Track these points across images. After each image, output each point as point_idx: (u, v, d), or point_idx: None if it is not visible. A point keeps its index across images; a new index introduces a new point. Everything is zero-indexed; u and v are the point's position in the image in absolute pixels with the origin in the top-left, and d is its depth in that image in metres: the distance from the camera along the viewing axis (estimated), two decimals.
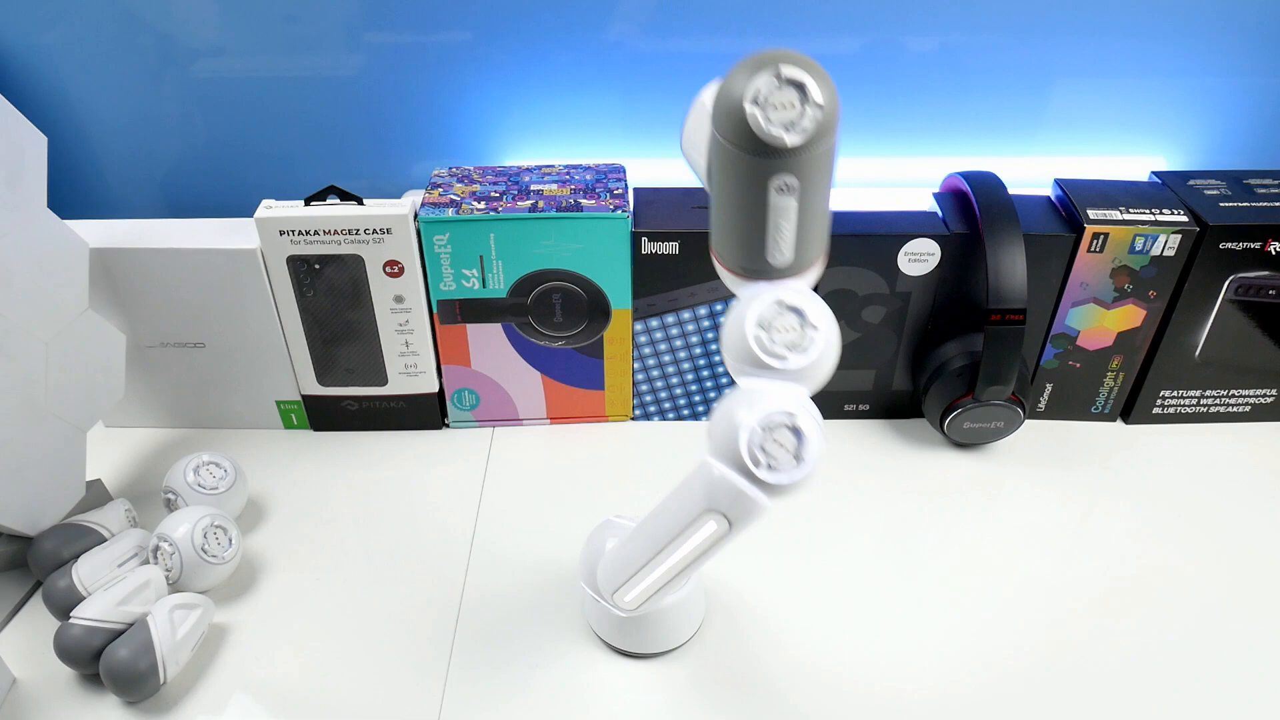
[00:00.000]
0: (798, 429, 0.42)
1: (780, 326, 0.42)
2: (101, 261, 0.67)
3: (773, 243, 0.41)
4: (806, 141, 0.38)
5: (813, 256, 0.43)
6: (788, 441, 0.42)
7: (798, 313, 0.42)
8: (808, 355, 0.42)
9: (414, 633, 0.59)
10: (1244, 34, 0.75)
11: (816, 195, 0.40)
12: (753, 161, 0.38)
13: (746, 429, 0.42)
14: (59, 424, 0.62)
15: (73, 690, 0.55)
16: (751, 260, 0.42)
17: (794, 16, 0.74)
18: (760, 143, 0.37)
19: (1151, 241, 0.67)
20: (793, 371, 0.42)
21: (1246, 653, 0.57)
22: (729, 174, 0.40)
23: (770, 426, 0.42)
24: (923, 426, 0.76)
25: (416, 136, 0.81)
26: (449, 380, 0.74)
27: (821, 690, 0.55)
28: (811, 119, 0.37)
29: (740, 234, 0.42)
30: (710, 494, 0.44)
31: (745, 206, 0.40)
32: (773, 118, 0.37)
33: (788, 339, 0.42)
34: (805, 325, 0.42)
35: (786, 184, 0.39)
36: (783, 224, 0.40)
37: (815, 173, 0.39)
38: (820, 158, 0.39)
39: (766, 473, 0.42)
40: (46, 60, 0.76)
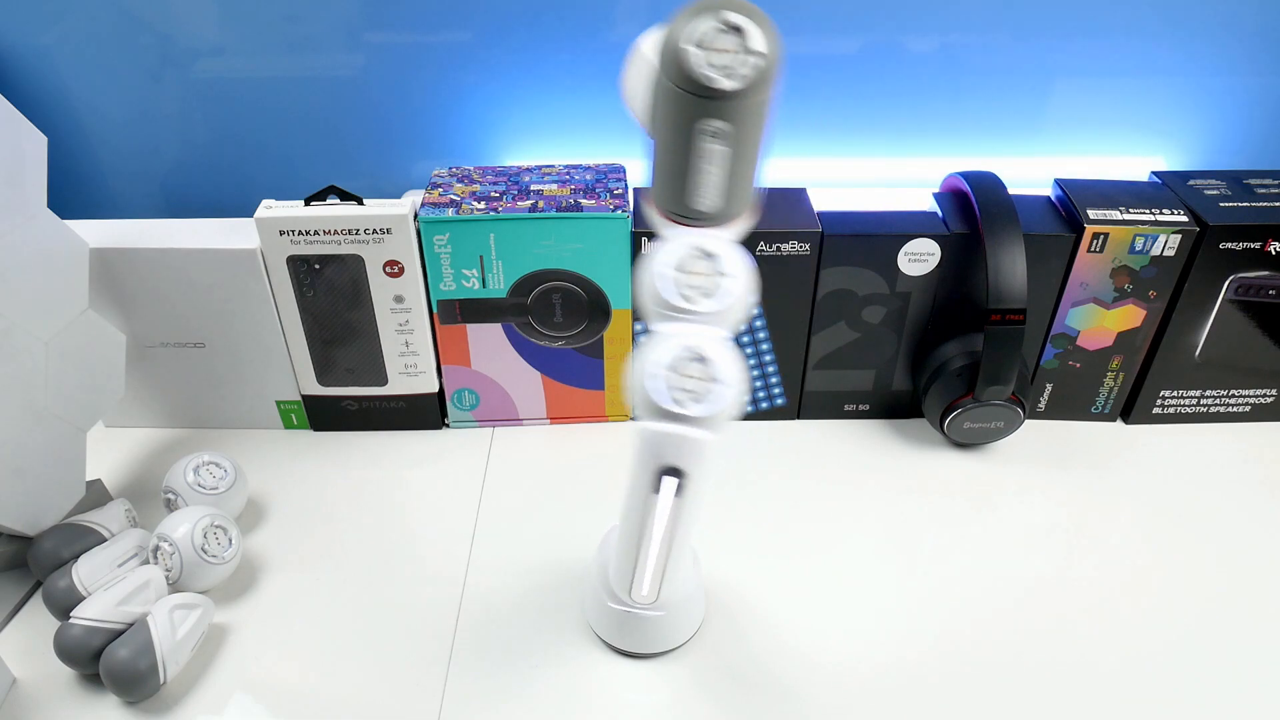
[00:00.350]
0: (702, 356, 0.42)
1: (694, 270, 0.43)
2: (101, 261, 0.67)
3: (698, 186, 0.42)
4: (742, 88, 0.38)
5: (739, 208, 0.44)
6: (699, 372, 0.42)
7: (712, 258, 0.43)
8: (717, 301, 0.43)
9: (414, 633, 0.59)
10: (1244, 34, 0.75)
11: (748, 145, 0.41)
12: (687, 100, 0.39)
13: (654, 375, 0.42)
14: (59, 424, 0.62)
15: (73, 690, 0.55)
16: (677, 203, 0.43)
17: (794, 16, 0.74)
18: (696, 83, 0.38)
19: (1151, 241, 0.67)
20: (702, 315, 0.43)
21: (1246, 652, 0.58)
22: (666, 113, 0.41)
23: (676, 364, 0.42)
24: (923, 426, 0.76)
25: (416, 136, 0.81)
26: (449, 380, 0.74)
27: (821, 690, 0.55)
28: (750, 65, 0.38)
29: (671, 175, 0.43)
30: (654, 454, 0.44)
31: (677, 147, 0.41)
32: (712, 60, 0.38)
33: (700, 283, 0.43)
34: (718, 272, 0.43)
35: (718, 128, 0.40)
36: (711, 168, 0.41)
37: (748, 121, 0.40)
38: (755, 107, 0.40)
39: (693, 407, 0.42)
40: (46, 60, 0.76)
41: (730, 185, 0.42)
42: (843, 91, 0.78)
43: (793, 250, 0.68)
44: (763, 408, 0.77)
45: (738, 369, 0.43)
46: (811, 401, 0.76)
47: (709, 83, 0.38)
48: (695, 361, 0.42)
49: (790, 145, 0.81)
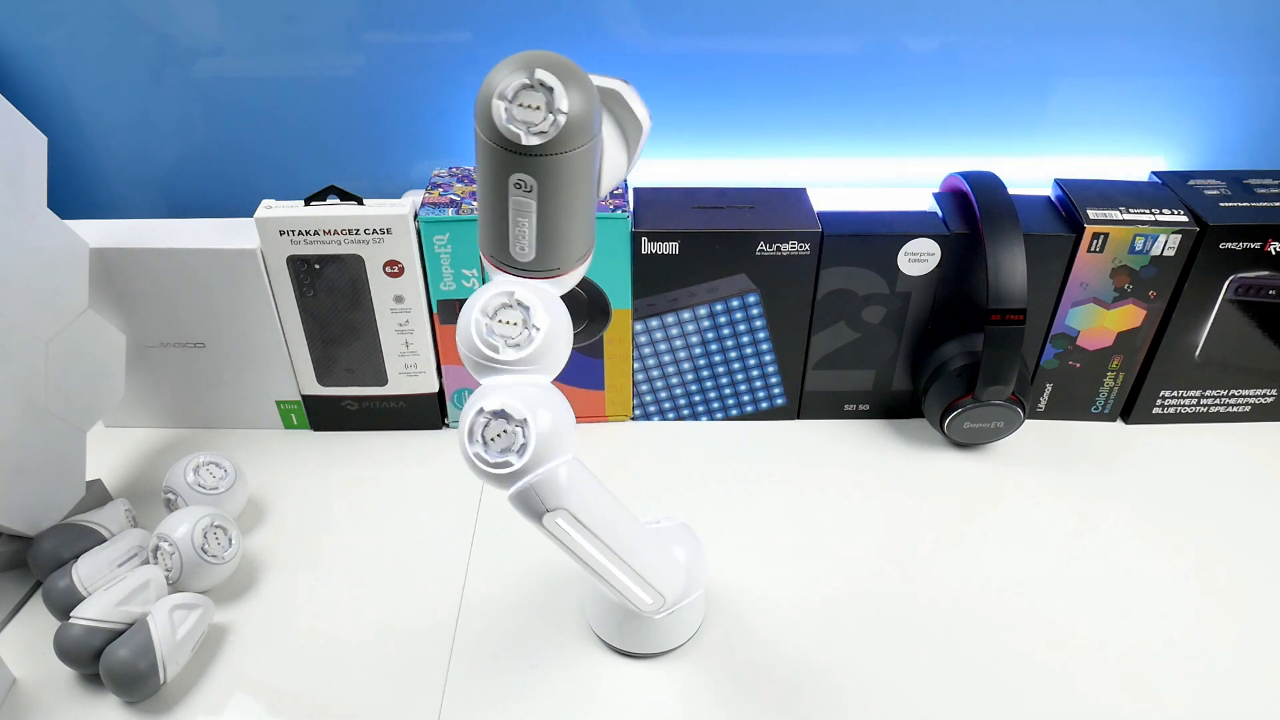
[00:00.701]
0: (496, 411, 0.43)
1: (504, 319, 0.43)
2: (101, 261, 0.67)
3: (514, 237, 0.43)
4: (544, 144, 0.39)
5: (560, 261, 0.44)
6: (500, 428, 0.43)
7: (524, 309, 0.43)
8: (522, 350, 0.43)
9: (414, 633, 0.59)
10: (1244, 34, 0.75)
11: (560, 201, 0.41)
12: (496, 153, 0.40)
13: (466, 451, 0.44)
14: (59, 424, 0.62)
15: (73, 690, 0.55)
16: (497, 250, 0.44)
17: (794, 16, 0.74)
18: (500, 135, 0.39)
19: (1151, 241, 0.67)
20: (511, 364, 0.43)
21: (1246, 652, 0.58)
22: (481, 162, 0.41)
23: (475, 435, 0.43)
24: (923, 426, 0.76)
25: (416, 136, 0.81)
26: (449, 380, 0.74)
27: (821, 690, 0.55)
28: (551, 124, 0.39)
29: (487, 222, 0.43)
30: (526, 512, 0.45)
31: (490, 196, 0.42)
32: (515, 114, 0.39)
33: (506, 332, 0.43)
34: (527, 323, 0.43)
35: (523, 181, 0.40)
36: (522, 220, 0.42)
37: (557, 178, 0.40)
38: (564, 163, 0.40)
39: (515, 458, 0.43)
40: (46, 60, 0.76)
41: (545, 238, 0.42)
42: (843, 91, 0.78)
43: (793, 250, 0.68)
44: (763, 408, 0.77)
45: (541, 407, 0.43)
46: (811, 401, 0.76)
47: (512, 138, 0.39)
48: (492, 421, 0.43)
49: (790, 145, 0.81)
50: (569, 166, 0.40)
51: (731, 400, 0.76)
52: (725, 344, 0.73)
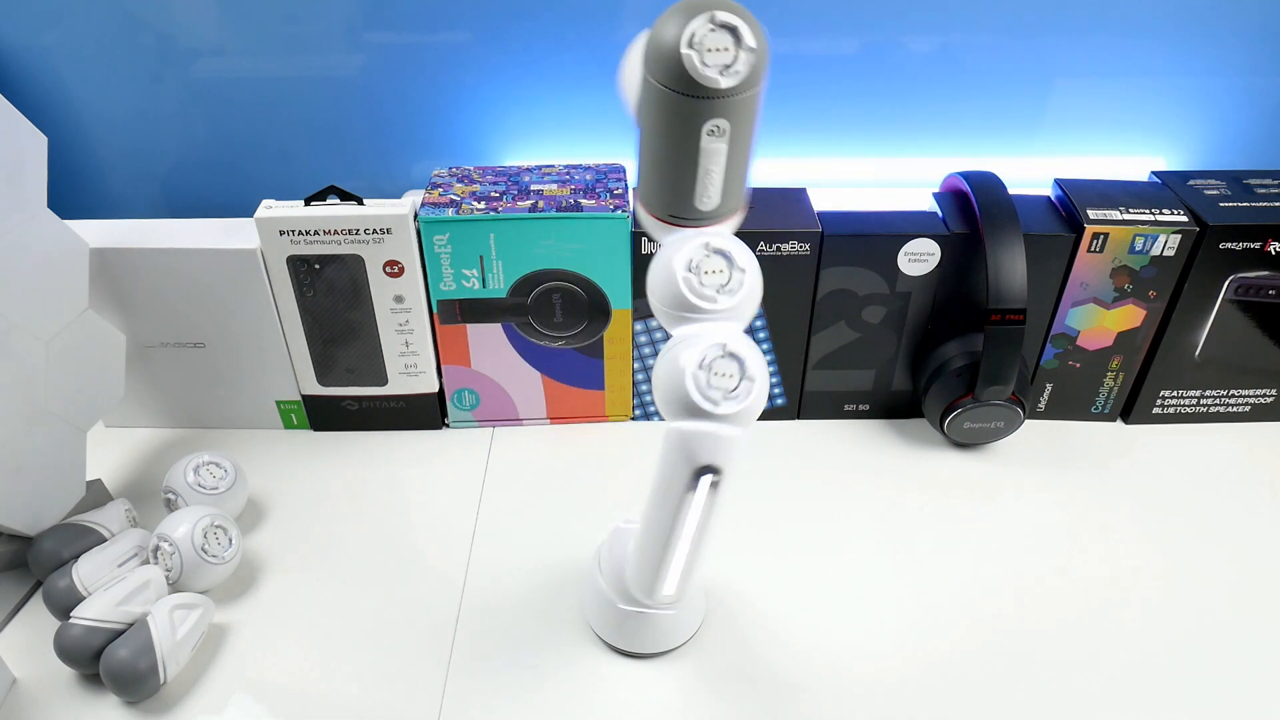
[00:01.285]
0: (734, 354, 0.43)
1: (709, 269, 0.44)
2: (101, 261, 0.67)
3: (702, 187, 0.42)
4: (739, 84, 0.39)
5: (736, 203, 0.44)
6: (730, 369, 0.43)
7: (725, 255, 0.44)
8: (736, 296, 0.44)
9: (414, 633, 0.59)
10: (1244, 34, 0.75)
11: (744, 140, 0.42)
12: (687, 103, 0.39)
13: (689, 374, 0.43)
14: (59, 424, 0.62)
15: (73, 690, 0.55)
16: (679, 206, 0.43)
17: (794, 16, 0.74)
18: (695, 84, 0.39)
19: (1151, 241, 0.67)
20: (721, 311, 0.44)
21: (1246, 652, 0.58)
22: (661, 117, 0.41)
23: (708, 363, 0.43)
24: (923, 426, 0.76)
25: (416, 136, 0.81)
26: (449, 380, 0.74)
27: (821, 690, 0.55)
28: (745, 62, 0.38)
29: (670, 179, 0.43)
30: (689, 455, 0.44)
31: (676, 150, 0.41)
32: (708, 60, 0.38)
33: (716, 281, 0.44)
34: (733, 268, 0.44)
35: (718, 126, 0.40)
36: (712, 168, 0.42)
37: (745, 117, 0.41)
38: (750, 101, 0.40)
39: (726, 405, 0.43)
40: (46, 60, 0.76)
41: (728, 181, 0.43)
42: (843, 91, 0.78)
43: (793, 250, 0.68)
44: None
45: (764, 364, 0.44)
46: (811, 401, 0.76)
47: (710, 83, 0.38)
48: (728, 359, 0.43)
49: (790, 145, 0.81)
50: (754, 103, 0.41)
51: None
52: None
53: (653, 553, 0.50)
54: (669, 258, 0.44)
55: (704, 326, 0.44)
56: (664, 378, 0.44)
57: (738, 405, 0.43)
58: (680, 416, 0.44)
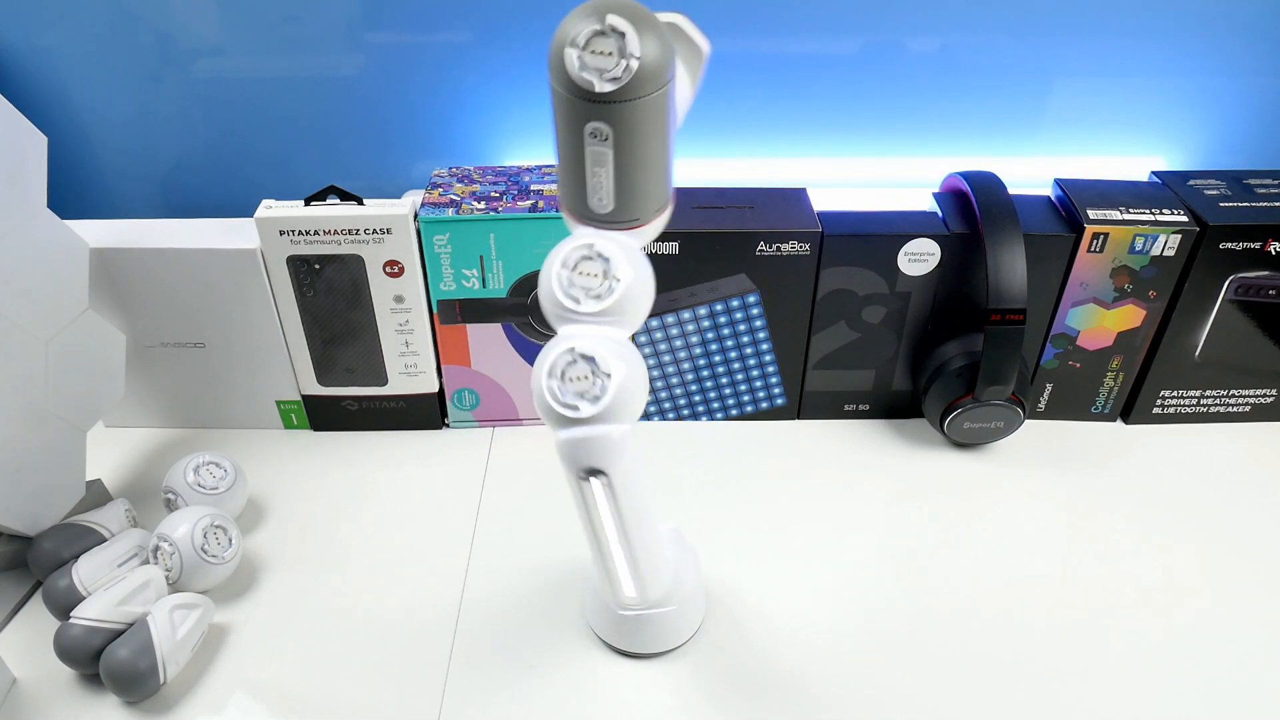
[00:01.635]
0: (585, 355, 0.43)
1: (585, 270, 0.43)
2: (101, 261, 0.67)
3: (592, 189, 0.42)
4: (618, 90, 0.38)
5: (639, 210, 0.44)
6: (584, 371, 0.43)
7: (604, 260, 0.43)
8: (603, 302, 0.43)
9: (414, 633, 0.59)
10: (1244, 34, 0.75)
11: (636, 148, 0.41)
12: (572, 103, 0.40)
13: (542, 382, 0.43)
14: (59, 424, 0.62)
15: (73, 690, 0.55)
16: (575, 203, 0.44)
17: (794, 16, 0.74)
18: (573, 84, 0.39)
19: (1151, 241, 0.67)
20: (592, 315, 0.43)
21: (1246, 652, 0.57)
22: (557, 114, 0.41)
23: (556, 370, 0.43)
24: (923, 426, 0.76)
25: (416, 136, 0.81)
26: (449, 380, 0.74)
27: (821, 690, 0.55)
28: (624, 69, 0.38)
29: (565, 176, 0.43)
30: (570, 460, 0.45)
31: (566, 149, 0.42)
32: (588, 62, 0.38)
33: (587, 284, 0.43)
34: (609, 275, 0.43)
35: (599, 130, 0.40)
36: (599, 170, 0.41)
37: (633, 124, 0.40)
38: (638, 110, 0.40)
39: (586, 407, 0.43)
40: (46, 60, 0.76)
41: (623, 187, 0.42)
42: (843, 91, 0.78)
43: (793, 250, 0.68)
44: (763, 408, 0.77)
45: (627, 361, 0.43)
46: (811, 401, 0.76)
47: (586, 85, 0.38)
48: (579, 362, 0.43)
49: (790, 145, 0.81)
50: (644, 112, 0.40)
51: (731, 400, 0.76)
52: (725, 344, 0.73)
53: (598, 560, 0.51)
54: (552, 253, 0.44)
55: (572, 329, 0.44)
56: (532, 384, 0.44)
57: (596, 407, 0.43)
58: (552, 425, 0.44)
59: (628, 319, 0.44)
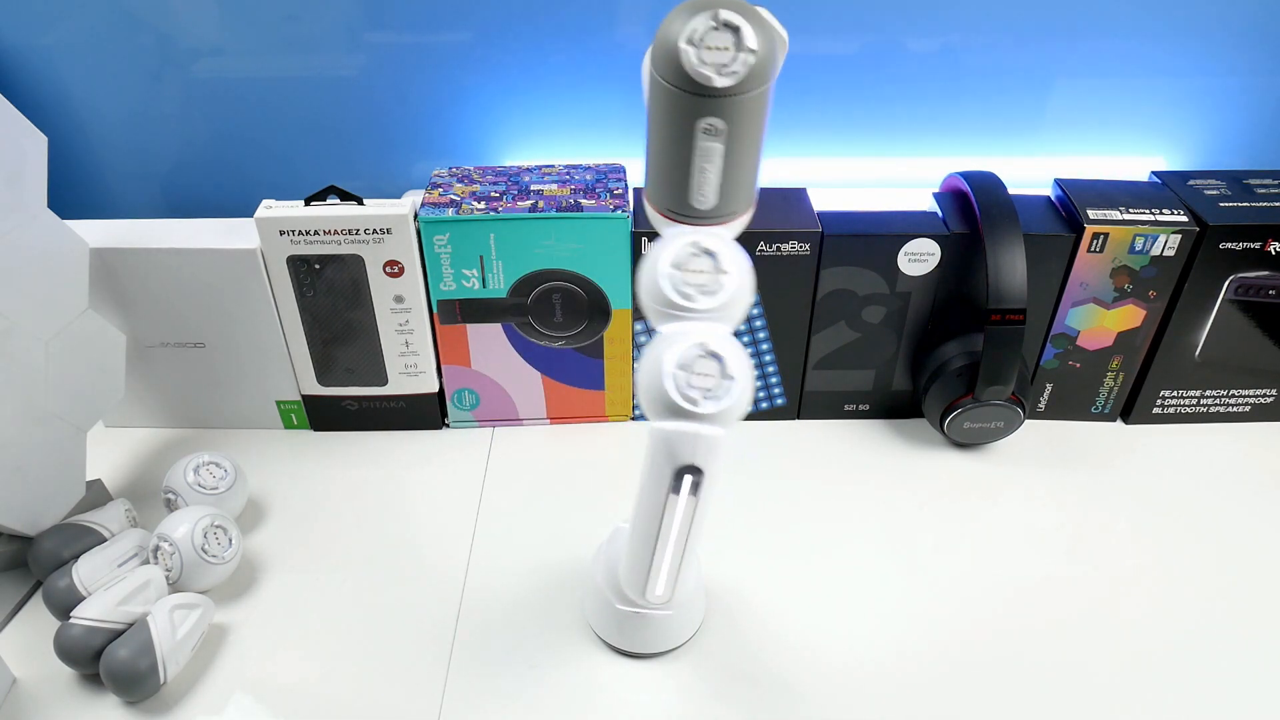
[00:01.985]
0: (714, 353, 0.43)
1: (694, 268, 0.44)
2: (101, 261, 0.67)
3: (697, 185, 0.42)
4: (736, 84, 0.39)
5: (737, 205, 0.44)
6: (711, 369, 0.43)
7: (711, 256, 0.43)
8: (715, 299, 0.43)
9: (414, 633, 0.59)
10: (1244, 34, 0.75)
11: (743, 142, 0.41)
12: (683, 99, 0.40)
13: (668, 374, 0.43)
14: (59, 424, 0.62)
15: (73, 690, 0.55)
16: (675, 201, 0.43)
17: (794, 16, 0.74)
18: (691, 80, 0.39)
19: (1151, 241, 0.67)
20: (703, 312, 0.44)
21: (1246, 652, 0.58)
22: (661, 111, 0.41)
23: (687, 363, 0.43)
24: (923, 426, 0.76)
25: (416, 136, 0.81)
26: (449, 380, 0.74)
27: (822, 690, 0.55)
28: (743, 63, 0.38)
29: (667, 173, 0.43)
30: (670, 455, 0.45)
31: (673, 145, 0.42)
32: (705, 58, 0.38)
33: (699, 280, 0.43)
34: (718, 270, 0.43)
35: (713, 125, 0.40)
36: (707, 166, 0.42)
37: (744, 119, 0.40)
38: (750, 104, 0.40)
39: (705, 404, 0.43)
40: (46, 60, 0.76)
41: (727, 182, 0.43)
42: (843, 91, 0.78)
43: (793, 250, 0.68)
44: (763, 408, 0.77)
45: (746, 364, 0.44)
46: (811, 401, 0.76)
47: (704, 80, 0.38)
48: (707, 359, 0.43)
49: (790, 145, 0.81)
50: (756, 105, 0.40)
51: None
52: None
53: (642, 554, 0.50)
54: (657, 253, 0.44)
55: (688, 326, 0.44)
56: (646, 376, 0.44)
57: (717, 405, 0.43)
58: (661, 416, 0.44)
59: (736, 314, 0.45)
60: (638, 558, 0.51)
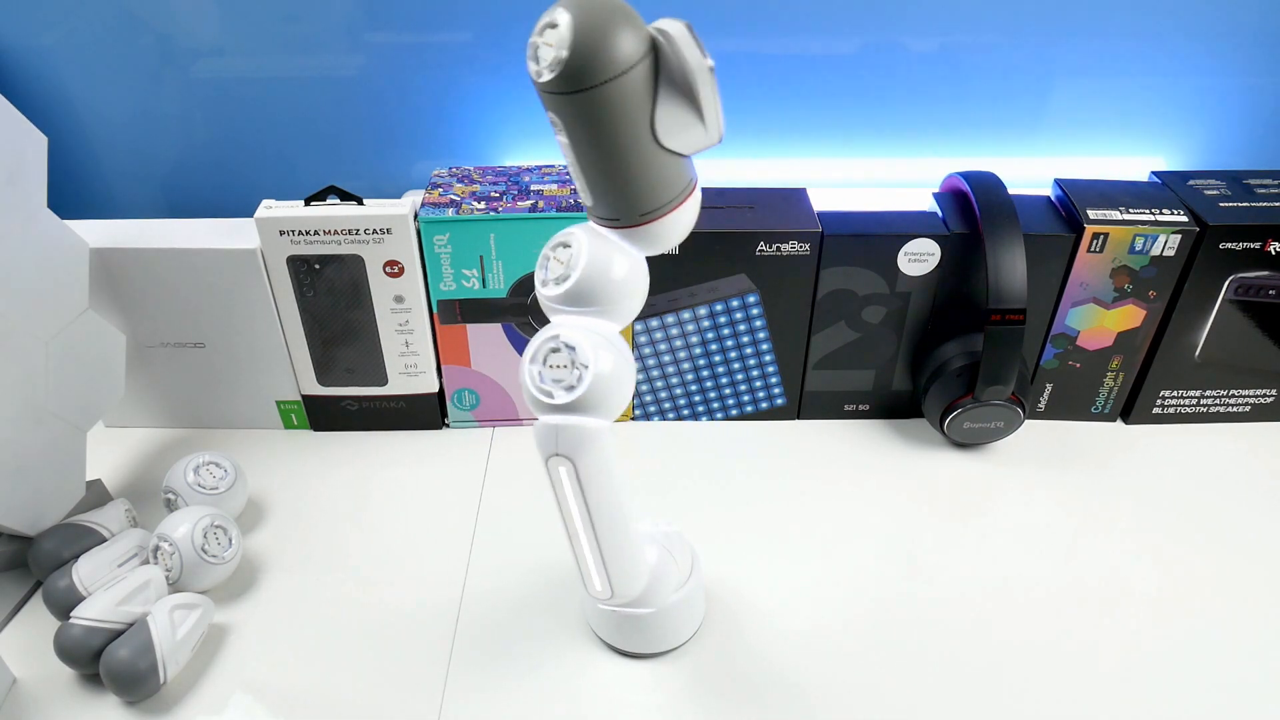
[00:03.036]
0: (567, 344, 0.44)
1: (555, 259, 0.45)
2: (101, 261, 0.67)
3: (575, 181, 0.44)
4: (548, 82, 0.39)
5: (616, 210, 0.43)
6: (564, 360, 0.44)
7: (566, 248, 0.45)
8: (560, 287, 0.44)
9: (414, 633, 0.59)
10: (1244, 34, 0.75)
11: (591, 144, 0.41)
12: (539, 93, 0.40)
13: (524, 368, 0.45)
14: (59, 424, 0.62)
15: (73, 690, 0.55)
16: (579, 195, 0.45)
17: (794, 16, 0.74)
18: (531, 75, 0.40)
19: (1151, 241, 0.67)
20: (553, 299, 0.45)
21: (1246, 652, 0.57)
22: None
23: (538, 357, 0.45)
24: (923, 426, 0.76)
25: (416, 136, 0.81)
26: (449, 380, 0.74)
27: (821, 690, 0.55)
28: (553, 60, 0.38)
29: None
30: (541, 446, 0.46)
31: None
32: (539, 53, 0.39)
33: (557, 272, 0.45)
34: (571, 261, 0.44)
35: (554, 121, 0.41)
36: (570, 163, 0.42)
37: (577, 119, 0.40)
38: (577, 104, 0.39)
39: (563, 394, 0.44)
40: (46, 60, 0.76)
41: (590, 182, 0.42)
42: (843, 91, 0.78)
43: (793, 250, 0.68)
44: (763, 408, 0.77)
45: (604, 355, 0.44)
46: (811, 401, 0.76)
47: (533, 74, 0.39)
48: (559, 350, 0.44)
49: (790, 145, 0.81)
50: (591, 105, 0.39)
51: (731, 400, 0.76)
52: (725, 344, 0.73)
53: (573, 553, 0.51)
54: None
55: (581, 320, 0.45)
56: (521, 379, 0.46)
57: (571, 395, 0.44)
58: (531, 409, 0.46)
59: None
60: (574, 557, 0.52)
